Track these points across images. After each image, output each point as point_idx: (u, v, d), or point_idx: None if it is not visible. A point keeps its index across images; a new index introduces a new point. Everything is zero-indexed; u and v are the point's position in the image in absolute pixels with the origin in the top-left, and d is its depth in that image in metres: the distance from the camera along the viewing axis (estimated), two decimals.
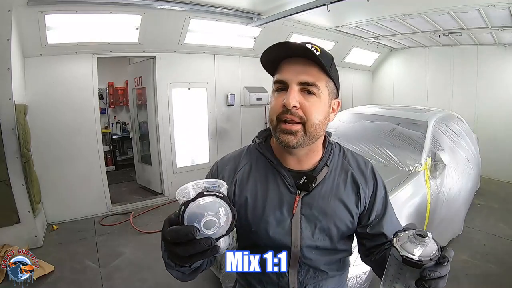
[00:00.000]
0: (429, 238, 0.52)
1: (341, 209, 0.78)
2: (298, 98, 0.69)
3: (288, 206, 0.76)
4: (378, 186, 0.83)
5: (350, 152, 0.87)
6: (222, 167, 0.83)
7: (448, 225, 2.48)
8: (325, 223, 0.76)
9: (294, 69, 0.70)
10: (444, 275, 0.54)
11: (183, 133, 3.99)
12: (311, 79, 0.69)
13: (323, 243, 0.77)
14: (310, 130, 0.71)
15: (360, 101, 5.79)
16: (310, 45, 0.69)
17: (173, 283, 2.28)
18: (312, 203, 0.76)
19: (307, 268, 0.78)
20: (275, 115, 0.71)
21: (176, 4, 3.04)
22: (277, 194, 0.77)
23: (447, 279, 0.56)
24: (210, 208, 0.48)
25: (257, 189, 0.77)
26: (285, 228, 0.75)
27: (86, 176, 3.34)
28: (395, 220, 0.85)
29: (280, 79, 0.71)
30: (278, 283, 0.78)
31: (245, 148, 0.86)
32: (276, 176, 0.78)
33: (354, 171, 0.82)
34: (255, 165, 0.81)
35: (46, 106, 3.05)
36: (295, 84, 0.69)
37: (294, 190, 0.76)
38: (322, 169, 0.79)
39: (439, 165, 2.25)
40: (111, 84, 5.38)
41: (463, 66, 4.85)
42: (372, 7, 3.17)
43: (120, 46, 3.33)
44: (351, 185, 0.80)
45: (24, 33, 2.71)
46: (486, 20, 3.41)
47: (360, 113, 3.08)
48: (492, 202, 3.66)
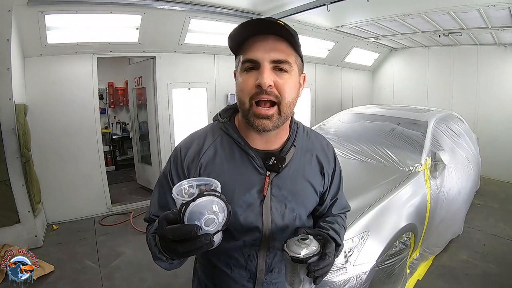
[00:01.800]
0: (310, 239, 0.66)
1: (309, 189, 0.80)
2: (272, 76, 0.67)
3: (258, 188, 0.74)
4: (336, 168, 0.87)
5: (313, 132, 0.88)
6: (185, 152, 0.77)
7: (448, 225, 2.48)
8: (294, 203, 0.77)
9: (264, 46, 0.67)
10: (325, 265, 0.64)
11: (183, 133, 3.98)
12: (283, 56, 0.67)
13: (292, 223, 0.77)
14: (285, 109, 0.69)
15: (360, 101, 5.80)
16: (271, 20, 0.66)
17: (173, 283, 2.28)
18: (281, 184, 0.76)
19: (275, 252, 0.77)
20: (248, 97, 0.68)
21: (176, 4, 3.04)
22: (246, 176, 0.74)
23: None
24: (209, 207, 0.51)
25: (225, 172, 0.74)
26: (255, 210, 0.74)
27: (86, 176, 3.34)
28: (344, 200, 0.91)
29: (250, 58, 0.67)
30: (246, 266, 0.77)
31: (208, 127, 0.82)
32: (243, 158, 0.75)
33: (318, 152, 0.83)
34: (221, 147, 0.76)
35: (46, 106, 3.05)
36: (267, 62, 0.66)
37: (264, 171, 0.74)
38: (289, 149, 0.77)
39: (439, 165, 2.25)
40: (111, 84, 5.38)
41: (463, 66, 4.85)
42: (372, 7, 3.17)
43: (120, 46, 3.32)
44: (316, 166, 0.82)
45: (24, 33, 2.71)
46: (486, 20, 3.41)
47: (360, 113, 3.08)
48: (492, 202, 3.66)
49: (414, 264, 2.24)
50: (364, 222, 1.68)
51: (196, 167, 0.75)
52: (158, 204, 0.78)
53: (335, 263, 1.41)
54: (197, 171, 0.75)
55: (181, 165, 0.76)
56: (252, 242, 0.75)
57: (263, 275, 0.78)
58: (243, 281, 0.78)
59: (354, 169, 2.31)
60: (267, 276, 0.78)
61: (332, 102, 5.56)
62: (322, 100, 5.36)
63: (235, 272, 0.78)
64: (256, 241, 0.75)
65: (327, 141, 0.89)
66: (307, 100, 5.17)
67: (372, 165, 2.31)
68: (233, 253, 0.76)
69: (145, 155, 4.31)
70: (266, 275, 0.78)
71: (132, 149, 4.92)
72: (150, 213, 0.78)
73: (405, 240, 1.93)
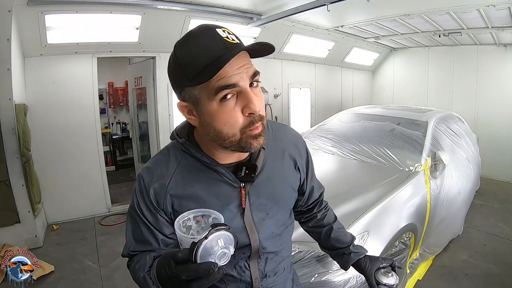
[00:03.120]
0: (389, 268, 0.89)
1: (287, 189, 0.79)
2: None
3: (236, 203, 0.71)
4: (308, 156, 0.85)
5: (279, 127, 0.82)
6: (149, 183, 0.69)
7: (448, 225, 2.48)
8: (275, 208, 0.76)
9: (238, 65, 0.58)
10: None
11: None
12: (255, 68, 0.61)
13: (276, 226, 0.77)
14: (264, 121, 0.65)
15: (360, 101, 5.80)
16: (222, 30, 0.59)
17: None
18: (258, 191, 0.73)
19: (265, 257, 0.77)
20: (238, 129, 0.61)
21: (176, 4, 3.04)
22: (220, 194, 0.70)
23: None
24: (219, 242, 0.51)
25: (198, 196, 0.68)
26: (238, 226, 0.71)
27: (86, 176, 3.34)
28: (317, 182, 0.93)
29: (229, 83, 0.57)
30: (240, 278, 0.75)
31: (168, 150, 0.74)
32: (213, 176, 0.70)
33: (289, 147, 0.80)
34: (187, 170, 0.70)
35: (46, 106, 3.05)
36: (248, 83, 0.59)
37: (238, 184, 0.71)
38: (259, 154, 0.72)
39: (439, 165, 2.25)
40: (111, 84, 5.38)
41: (463, 66, 4.85)
42: (372, 7, 3.17)
43: (120, 46, 3.32)
44: (289, 162, 0.80)
45: (24, 33, 2.71)
46: (486, 20, 3.41)
47: (360, 113, 3.07)
48: (492, 202, 3.66)
49: (414, 264, 2.24)
50: (364, 222, 1.68)
51: (165, 198, 0.69)
52: (134, 239, 0.73)
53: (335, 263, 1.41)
54: (166, 202, 0.69)
55: (148, 197, 0.69)
56: (242, 255, 0.74)
57: (258, 283, 0.77)
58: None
59: (354, 169, 2.31)
60: (262, 282, 0.78)
61: (332, 102, 5.56)
62: (322, 100, 5.36)
63: (230, 286, 0.76)
64: (245, 254, 0.74)
65: (296, 132, 0.86)
66: (307, 100, 5.17)
67: (372, 165, 2.31)
68: (226, 270, 0.75)
69: (145, 155, 4.31)
70: (261, 281, 0.78)
71: (132, 149, 4.92)
72: (128, 249, 0.74)
73: (405, 240, 1.93)
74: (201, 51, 0.57)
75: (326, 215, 0.96)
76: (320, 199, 0.96)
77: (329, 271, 1.49)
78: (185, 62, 0.59)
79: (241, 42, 0.61)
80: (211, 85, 0.58)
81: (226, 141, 0.62)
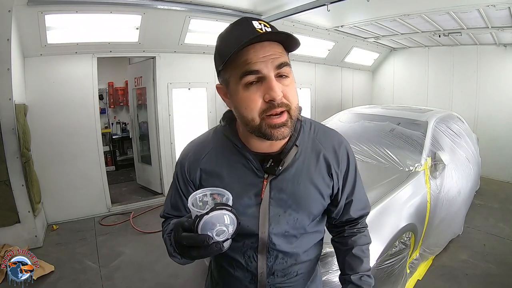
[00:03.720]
0: None
1: (313, 192, 0.75)
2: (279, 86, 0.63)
3: (255, 191, 0.73)
4: (350, 167, 0.80)
5: (322, 129, 0.81)
6: (187, 157, 0.79)
7: (448, 225, 2.48)
8: (295, 207, 0.74)
9: (263, 53, 0.62)
10: None
11: (183, 133, 3.99)
12: (284, 60, 0.64)
13: (292, 227, 0.75)
14: (294, 114, 0.67)
15: (360, 101, 5.80)
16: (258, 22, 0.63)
17: (173, 283, 2.28)
18: (282, 186, 0.73)
19: (276, 254, 0.76)
20: (257, 113, 0.64)
21: (176, 4, 3.04)
22: (244, 179, 0.73)
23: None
24: (221, 219, 0.57)
25: (224, 176, 0.74)
26: (252, 214, 0.73)
27: (86, 176, 3.34)
28: (363, 199, 0.87)
29: (254, 69, 0.62)
30: (246, 267, 0.77)
31: (210, 131, 0.82)
32: (242, 161, 0.74)
33: (326, 151, 0.77)
34: (221, 150, 0.76)
35: (46, 106, 3.05)
36: (272, 72, 0.63)
37: (261, 174, 0.73)
38: (290, 150, 0.74)
39: (439, 165, 2.25)
40: (111, 84, 5.38)
41: (463, 66, 4.85)
42: (372, 7, 3.17)
43: (120, 46, 3.33)
44: (323, 166, 0.76)
45: (24, 33, 2.71)
46: (486, 20, 3.41)
47: (360, 113, 3.07)
48: (492, 202, 3.66)
49: (414, 264, 2.24)
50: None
51: (196, 171, 0.76)
52: (170, 204, 0.83)
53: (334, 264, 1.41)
54: (196, 176, 0.76)
55: (183, 169, 0.78)
56: (250, 244, 0.75)
57: (264, 278, 0.77)
58: (245, 282, 0.79)
59: None
60: (269, 279, 0.78)
61: (332, 102, 5.56)
62: (322, 100, 5.36)
63: (238, 272, 0.79)
64: (253, 244, 0.75)
65: (340, 138, 0.81)
66: (307, 100, 5.18)
67: (372, 165, 2.31)
68: (234, 254, 0.77)
69: (145, 155, 4.31)
70: (268, 278, 0.77)
71: (132, 149, 4.92)
72: (164, 212, 0.84)
73: (405, 240, 1.93)
74: (231, 38, 0.63)
75: (354, 236, 0.86)
76: (358, 221, 0.88)
77: (329, 271, 1.49)
78: (219, 47, 0.67)
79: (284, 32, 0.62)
80: (238, 70, 0.63)
81: (249, 125, 0.67)
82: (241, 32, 0.62)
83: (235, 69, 0.64)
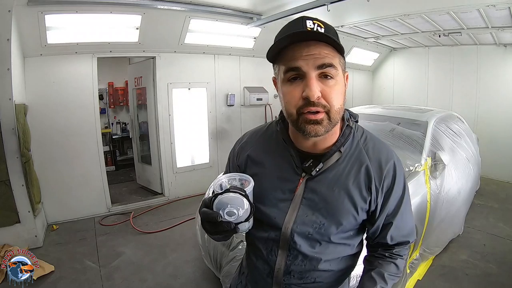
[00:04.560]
0: None
1: (346, 202, 0.73)
2: (318, 86, 0.64)
3: (290, 187, 0.75)
4: (396, 186, 0.75)
5: (373, 141, 0.78)
6: (240, 141, 0.88)
7: (448, 225, 2.48)
8: (324, 212, 0.73)
9: (307, 52, 0.64)
10: None
11: (183, 133, 3.99)
12: (328, 61, 0.64)
13: (316, 231, 0.73)
14: (334, 116, 0.67)
15: (360, 101, 5.79)
16: (312, 22, 0.64)
17: (173, 283, 2.28)
18: (316, 188, 0.73)
19: (296, 254, 0.75)
20: (294, 108, 0.66)
21: (176, 4, 3.04)
22: (283, 173, 0.76)
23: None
24: (233, 202, 0.63)
25: (265, 166, 0.79)
26: (282, 208, 0.75)
27: (86, 176, 3.34)
28: (406, 227, 0.80)
29: (294, 66, 0.64)
30: (267, 260, 0.78)
31: (267, 124, 0.88)
32: (285, 155, 0.77)
33: (371, 164, 0.74)
34: (269, 142, 0.82)
35: (46, 106, 3.05)
36: (312, 71, 0.64)
37: (299, 171, 0.75)
38: (333, 154, 0.74)
39: (439, 165, 2.25)
40: (111, 84, 5.38)
41: (463, 66, 4.85)
42: (372, 7, 3.17)
43: (120, 46, 3.33)
44: (363, 178, 0.73)
45: (24, 33, 2.71)
46: (486, 20, 3.41)
47: (360, 113, 3.06)
48: (492, 202, 3.66)
49: (414, 264, 2.24)
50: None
51: (243, 157, 0.83)
52: None
53: None
54: (242, 159, 0.83)
55: (235, 154, 0.87)
56: (274, 237, 0.76)
57: (281, 275, 0.77)
58: (264, 274, 0.80)
59: None
60: (285, 277, 0.77)
61: None
62: None
63: (259, 262, 0.81)
64: (276, 237, 0.76)
65: (391, 154, 0.77)
66: None
67: None
68: (258, 243, 0.80)
69: (145, 155, 4.31)
70: (284, 276, 0.77)
71: (132, 149, 4.92)
72: None
73: None
74: (282, 34, 0.66)
75: (383, 260, 0.81)
76: (394, 247, 0.81)
77: None
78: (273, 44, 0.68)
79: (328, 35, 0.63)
80: (283, 65, 0.67)
81: (289, 118, 0.70)
82: (291, 29, 0.64)
83: (282, 64, 0.67)
